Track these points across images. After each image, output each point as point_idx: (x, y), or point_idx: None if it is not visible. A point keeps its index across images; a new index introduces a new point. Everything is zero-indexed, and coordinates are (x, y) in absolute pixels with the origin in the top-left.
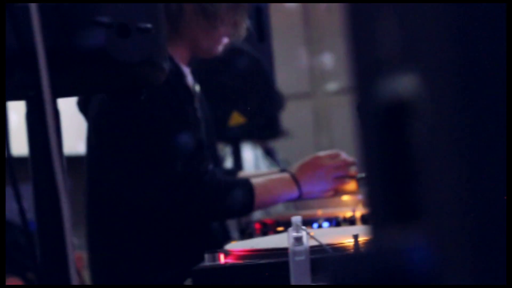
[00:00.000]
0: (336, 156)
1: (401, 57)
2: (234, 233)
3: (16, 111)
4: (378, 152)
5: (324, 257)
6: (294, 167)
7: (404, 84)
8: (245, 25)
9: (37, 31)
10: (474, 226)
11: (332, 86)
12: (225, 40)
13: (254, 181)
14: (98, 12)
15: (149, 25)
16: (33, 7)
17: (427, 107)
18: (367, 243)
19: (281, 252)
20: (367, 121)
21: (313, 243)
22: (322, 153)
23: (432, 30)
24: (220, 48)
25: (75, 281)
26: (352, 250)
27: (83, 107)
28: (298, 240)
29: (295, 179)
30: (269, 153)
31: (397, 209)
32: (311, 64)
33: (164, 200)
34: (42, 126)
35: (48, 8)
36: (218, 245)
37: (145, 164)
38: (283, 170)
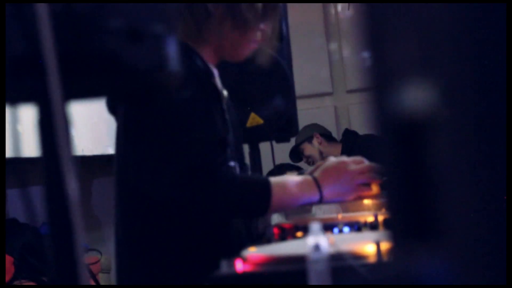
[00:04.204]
0: (361, 162)
1: (419, 69)
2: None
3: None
4: (397, 169)
5: (344, 266)
6: (317, 170)
7: (422, 98)
8: (276, 31)
9: (46, 34)
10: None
11: (353, 84)
12: (253, 46)
13: (273, 180)
14: (108, 16)
15: (161, 30)
16: (43, 10)
17: (446, 122)
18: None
19: (301, 259)
20: (385, 136)
21: (333, 250)
22: (346, 158)
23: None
24: (247, 54)
25: (84, 284)
26: (373, 258)
27: (111, 108)
28: (317, 248)
29: (317, 182)
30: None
31: (416, 227)
32: (332, 62)
33: (177, 189)
34: (51, 131)
35: (58, 12)
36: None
37: (163, 155)
38: (300, 173)
